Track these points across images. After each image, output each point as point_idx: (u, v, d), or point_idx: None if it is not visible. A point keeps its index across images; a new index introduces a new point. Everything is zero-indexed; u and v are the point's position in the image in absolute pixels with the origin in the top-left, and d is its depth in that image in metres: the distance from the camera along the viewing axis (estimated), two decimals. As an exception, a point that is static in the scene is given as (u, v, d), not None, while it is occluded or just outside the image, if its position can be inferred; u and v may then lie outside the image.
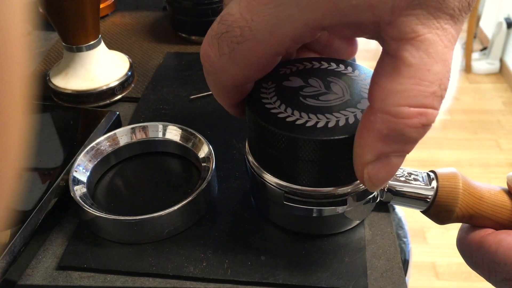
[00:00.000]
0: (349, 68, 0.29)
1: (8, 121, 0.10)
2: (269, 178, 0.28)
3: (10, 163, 0.11)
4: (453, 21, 0.20)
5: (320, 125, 0.25)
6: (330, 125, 0.25)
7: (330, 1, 0.19)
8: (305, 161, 0.26)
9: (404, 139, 0.20)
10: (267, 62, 0.23)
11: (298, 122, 0.25)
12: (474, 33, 2.20)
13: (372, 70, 0.29)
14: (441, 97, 0.20)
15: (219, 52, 0.22)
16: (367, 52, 2.27)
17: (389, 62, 0.20)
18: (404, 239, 0.60)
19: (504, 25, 2.03)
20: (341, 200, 0.28)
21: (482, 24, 2.37)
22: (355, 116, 0.25)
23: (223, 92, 0.26)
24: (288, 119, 0.25)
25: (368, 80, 0.28)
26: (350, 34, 0.22)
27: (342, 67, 0.29)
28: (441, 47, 0.20)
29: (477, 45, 2.31)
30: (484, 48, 2.22)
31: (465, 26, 2.25)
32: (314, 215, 0.29)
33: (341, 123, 0.25)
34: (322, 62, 0.29)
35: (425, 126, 0.20)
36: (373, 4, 0.19)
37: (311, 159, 0.26)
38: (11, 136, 0.11)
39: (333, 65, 0.29)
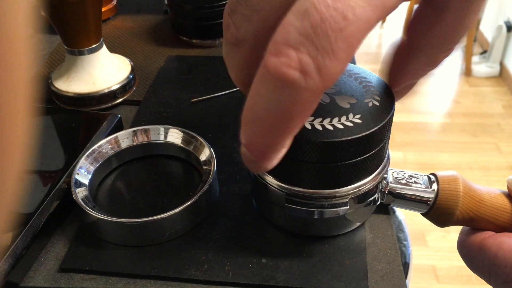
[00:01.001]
0: (351, 71, 0.29)
1: (11, 124, 0.10)
2: (271, 180, 0.29)
3: (13, 165, 0.11)
4: None
5: (321, 127, 0.25)
6: (332, 127, 0.25)
7: None
8: (307, 162, 0.26)
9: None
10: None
11: None
12: (474, 37, 2.20)
13: (371, 73, 0.29)
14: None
15: (310, 50, 0.18)
16: (367, 55, 2.27)
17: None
18: (405, 242, 0.60)
19: (504, 29, 2.04)
20: (342, 202, 0.28)
21: (482, 27, 2.37)
22: (356, 118, 0.26)
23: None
24: None
25: (368, 82, 0.28)
26: None
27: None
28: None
29: (477, 49, 2.32)
30: (484, 52, 2.22)
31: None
32: (315, 217, 0.29)
33: (342, 125, 0.25)
34: None
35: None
36: None
37: (312, 160, 0.26)
38: (14, 138, 0.11)
39: None
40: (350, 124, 0.25)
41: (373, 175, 0.28)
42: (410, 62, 0.25)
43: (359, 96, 0.27)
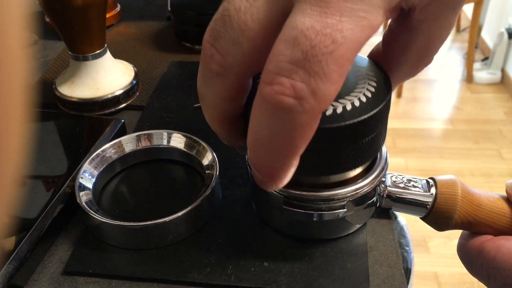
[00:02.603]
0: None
1: (6, 129, 0.11)
2: None
3: (9, 171, 0.11)
4: None
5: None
6: (328, 113, 0.24)
7: None
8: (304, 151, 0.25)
9: None
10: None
11: None
12: (476, 43, 2.21)
13: (363, 57, 0.28)
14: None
15: (303, 77, 0.18)
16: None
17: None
18: (407, 248, 0.60)
19: (506, 35, 2.04)
20: (340, 205, 0.28)
21: (484, 34, 2.38)
22: (352, 103, 0.24)
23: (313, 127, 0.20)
24: None
25: (364, 69, 0.27)
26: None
27: None
28: (452, 16, 0.23)
29: (478, 55, 2.32)
30: (486, 58, 2.23)
31: (466, 36, 2.26)
32: (314, 219, 0.29)
33: (339, 110, 0.24)
34: None
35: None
36: None
37: (309, 148, 0.24)
38: (9, 144, 0.11)
39: None
40: (347, 109, 0.24)
41: (371, 178, 0.29)
42: (388, 72, 0.26)
43: (353, 82, 0.26)
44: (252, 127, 0.21)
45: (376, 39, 0.26)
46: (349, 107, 0.24)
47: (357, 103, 0.25)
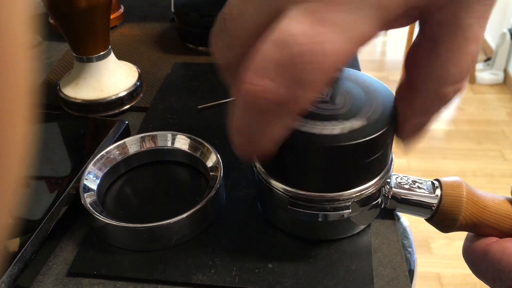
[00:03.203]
0: (353, 76, 0.30)
1: (11, 131, 0.11)
2: (275, 184, 0.29)
3: (13, 172, 0.11)
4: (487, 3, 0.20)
5: (326, 132, 0.25)
6: (336, 132, 0.25)
7: None
8: (311, 167, 0.27)
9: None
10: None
11: (304, 129, 0.26)
12: (478, 44, 2.20)
13: (374, 78, 0.30)
14: (471, 70, 0.23)
15: (286, 82, 0.18)
16: (371, 63, 2.28)
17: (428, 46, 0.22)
18: (409, 249, 0.60)
19: (508, 36, 2.04)
20: (344, 206, 0.28)
21: (486, 34, 2.38)
22: (359, 122, 0.26)
23: (287, 126, 0.21)
24: (294, 126, 0.26)
25: (371, 88, 0.29)
26: (397, 24, 0.22)
27: (346, 75, 0.30)
28: (476, 28, 0.21)
29: (481, 56, 2.32)
30: (488, 59, 2.23)
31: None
32: (319, 219, 0.29)
33: (346, 129, 0.26)
34: None
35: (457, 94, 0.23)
36: None
37: (317, 165, 0.26)
38: (12, 145, 0.11)
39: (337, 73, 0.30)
40: (354, 129, 0.26)
41: (376, 179, 0.29)
42: (414, 98, 0.24)
43: (362, 101, 0.28)
44: (232, 111, 0.21)
45: (380, 47, 0.26)
46: (357, 126, 0.26)
47: (364, 123, 0.26)
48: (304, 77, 0.18)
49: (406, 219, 0.62)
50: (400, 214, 0.45)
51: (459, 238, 0.29)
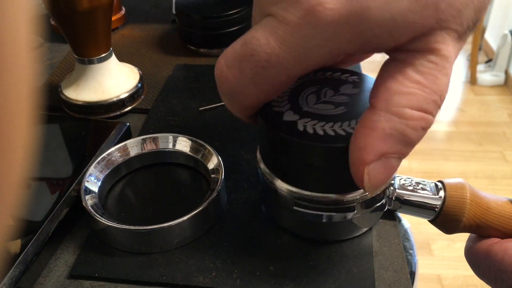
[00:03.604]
0: (359, 78, 0.30)
1: (12, 133, 0.11)
2: (280, 184, 0.29)
3: (14, 173, 0.11)
4: (460, 38, 0.20)
5: (332, 132, 0.26)
6: (341, 132, 0.25)
7: (355, 32, 0.20)
8: (316, 167, 0.26)
9: (405, 140, 0.21)
10: (289, 83, 0.24)
11: (310, 129, 0.26)
12: (479, 45, 2.20)
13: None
14: (439, 107, 0.22)
15: (239, 75, 0.23)
16: (372, 63, 2.28)
17: (397, 66, 0.21)
18: (411, 251, 0.60)
19: (509, 37, 2.04)
20: (349, 207, 0.28)
21: (487, 36, 2.38)
22: None
23: (240, 109, 0.26)
24: (300, 127, 0.26)
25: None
26: (364, 54, 0.23)
27: (353, 77, 0.30)
28: (449, 62, 0.20)
29: (482, 57, 2.32)
30: (489, 60, 2.22)
31: (470, 38, 2.25)
32: (323, 220, 0.29)
33: (352, 130, 0.25)
34: (333, 72, 0.30)
35: (424, 130, 0.21)
36: (394, 35, 0.20)
37: (322, 165, 0.26)
38: (15, 147, 0.11)
39: (344, 75, 0.30)
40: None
41: None
42: None
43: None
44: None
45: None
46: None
47: None
48: (248, 74, 0.22)
49: (407, 221, 0.62)
50: (401, 215, 0.45)
51: (460, 239, 0.29)
